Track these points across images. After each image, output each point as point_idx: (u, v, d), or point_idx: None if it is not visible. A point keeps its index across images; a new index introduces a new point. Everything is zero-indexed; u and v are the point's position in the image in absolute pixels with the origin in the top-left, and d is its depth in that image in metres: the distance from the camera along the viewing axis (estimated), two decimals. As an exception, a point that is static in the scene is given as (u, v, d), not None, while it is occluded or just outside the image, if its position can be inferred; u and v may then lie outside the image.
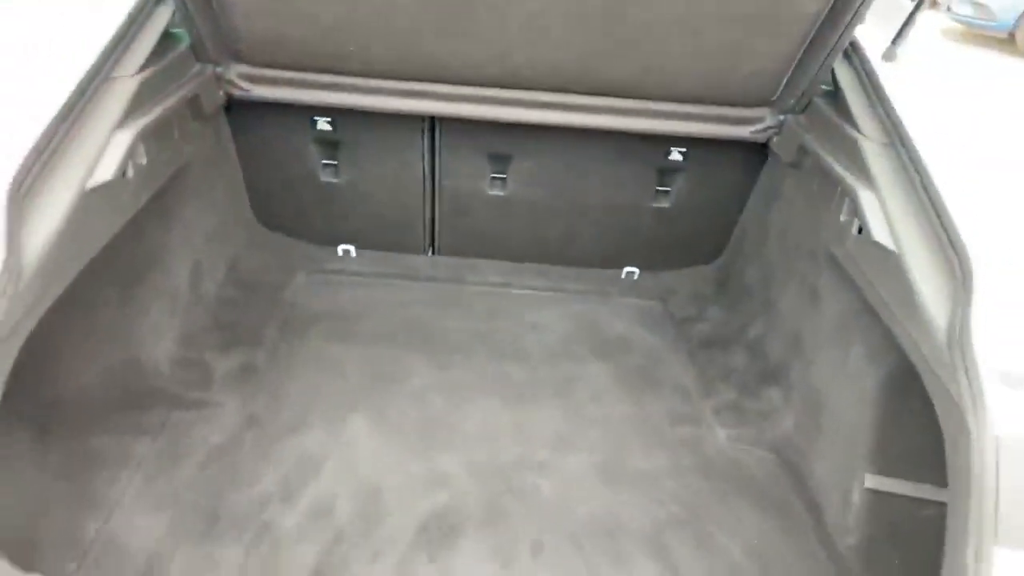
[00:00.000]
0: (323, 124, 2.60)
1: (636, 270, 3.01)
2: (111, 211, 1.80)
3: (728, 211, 2.83)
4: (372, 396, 2.33)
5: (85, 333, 2.06)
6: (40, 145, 1.58)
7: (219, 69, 2.33)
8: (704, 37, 2.14)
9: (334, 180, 2.77)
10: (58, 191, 1.61)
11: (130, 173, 1.88)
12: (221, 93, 2.38)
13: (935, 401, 1.50)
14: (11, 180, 1.49)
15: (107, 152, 1.74)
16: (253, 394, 2.28)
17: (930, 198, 1.74)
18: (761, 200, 2.67)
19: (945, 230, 1.66)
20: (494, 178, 2.77)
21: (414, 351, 2.53)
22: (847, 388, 2.00)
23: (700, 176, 2.73)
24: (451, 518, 1.97)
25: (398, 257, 2.97)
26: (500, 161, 2.72)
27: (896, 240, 1.75)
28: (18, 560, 1.37)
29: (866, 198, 1.88)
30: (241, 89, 2.38)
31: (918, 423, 1.67)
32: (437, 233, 2.95)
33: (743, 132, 2.44)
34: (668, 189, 2.79)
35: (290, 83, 2.39)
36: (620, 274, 3.00)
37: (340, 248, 2.96)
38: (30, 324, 1.50)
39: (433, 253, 3.02)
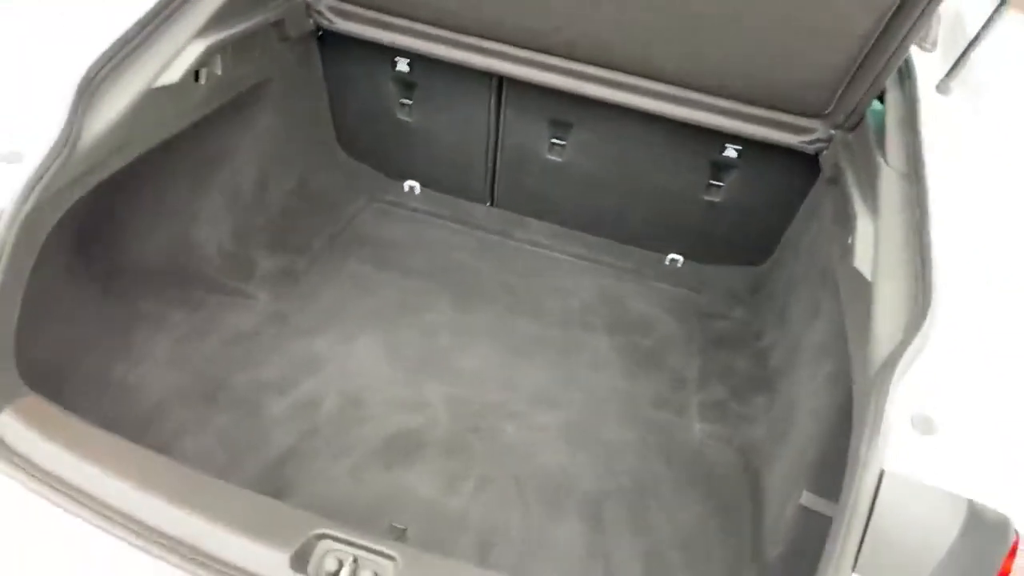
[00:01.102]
0: (402, 65, 2.79)
1: (680, 258, 3.05)
2: (178, 109, 2.08)
3: (778, 217, 2.81)
4: (389, 319, 2.55)
5: (154, 211, 2.39)
6: (114, 47, 1.86)
7: None
8: (756, 38, 2.16)
9: (408, 119, 2.97)
10: (125, 86, 1.89)
11: (203, 80, 2.15)
12: (310, 21, 2.62)
13: (853, 429, 1.54)
14: (83, 74, 1.78)
15: (179, 58, 2.00)
16: (285, 295, 2.56)
17: (921, 235, 1.73)
18: (805, 213, 2.65)
19: (923, 266, 1.65)
20: (553, 143, 2.88)
21: (442, 289, 2.73)
22: (810, 405, 2.02)
23: (753, 177, 2.73)
24: (417, 439, 2.17)
25: (457, 202, 3.15)
26: (560, 128, 2.83)
27: (875, 270, 1.75)
28: (49, 388, 1.68)
29: (863, 224, 1.88)
30: (328, 20, 2.61)
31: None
32: (496, 186, 3.10)
33: (794, 140, 2.43)
34: (721, 184, 2.81)
35: (372, 22, 2.60)
36: (663, 259, 3.06)
37: (407, 183, 3.17)
38: (80, 191, 1.79)
39: (492, 204, 3.18)
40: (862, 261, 1.79)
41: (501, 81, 2.75)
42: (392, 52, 2.75)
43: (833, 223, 2.25)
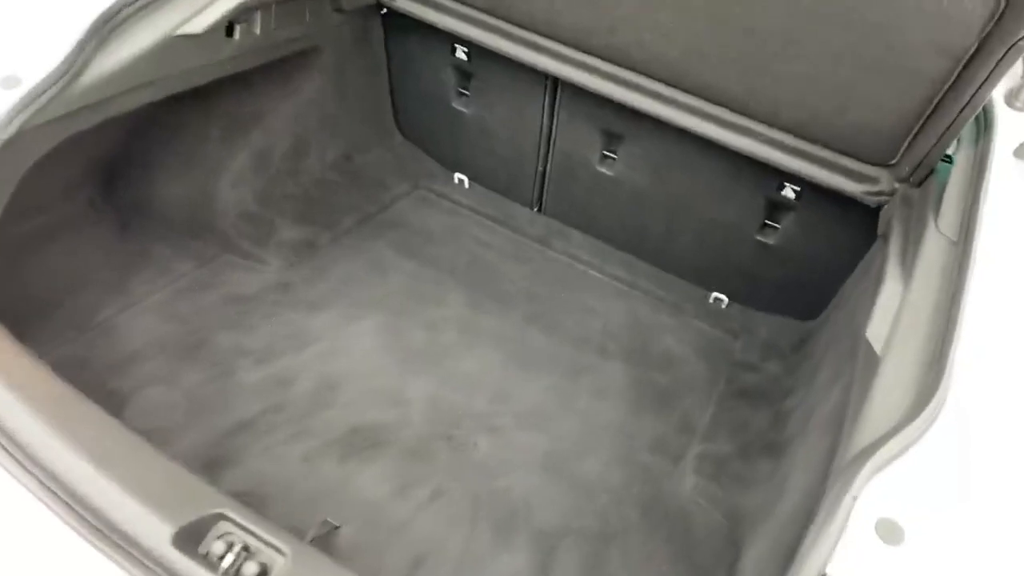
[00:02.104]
0: (460, 53, 2.70)
1: (725, 298, 2.82)
2: (206, 60, 2.06)
3: (835, 272, 2.54)
4: (395, 306, 2.46)
5: (183, 160, 2.40)
6: None
7: None
8: (819, 67, 1.93)
9: (464, 109, 2.88)
10: (146, 29, 1.88)
11: (237, 36, 2.13)
12: (369, -5, 2.57)
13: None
14: (103, 12, 1.77)
15: (209, 10, 1.98)
16: (297, 265, 2.52)
17: (951, 309, 1.48)
18: (861, 271, 2.38)
19: (943, 344, 1.41)
20: (605, 155, 2.72)
21: (461, 286, 2.62)
22: (801, 482, 1.78)
23: (812, 224, 2.48)
24: (382, 436, 2.07)
25: (503, 202, 3.04)
26: (612, 139, 2.67)
27: (888, 342, 1.51)
28: (25, 320, 1.67)
29: (889, 289, 1.64)
30: (387, -4, 2.56)
31: None
32: (546, 192, 2.97)
33: (855, 189, 2.18)
34: (776, 226, 2.57)
35: (430, 3, 2.52)
36: (707, 296, 2.83)
37: (457, 175, 3.09)
38: (83, 125, 1.79)
39: (539, 210, 3.05)
40: (875, 330, 1.55)
41: (556, 83, 2.62)
42: (451, 38, 2.67)
43: (874, 285, 2.00)
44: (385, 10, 2.76)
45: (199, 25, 1.97)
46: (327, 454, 1.99)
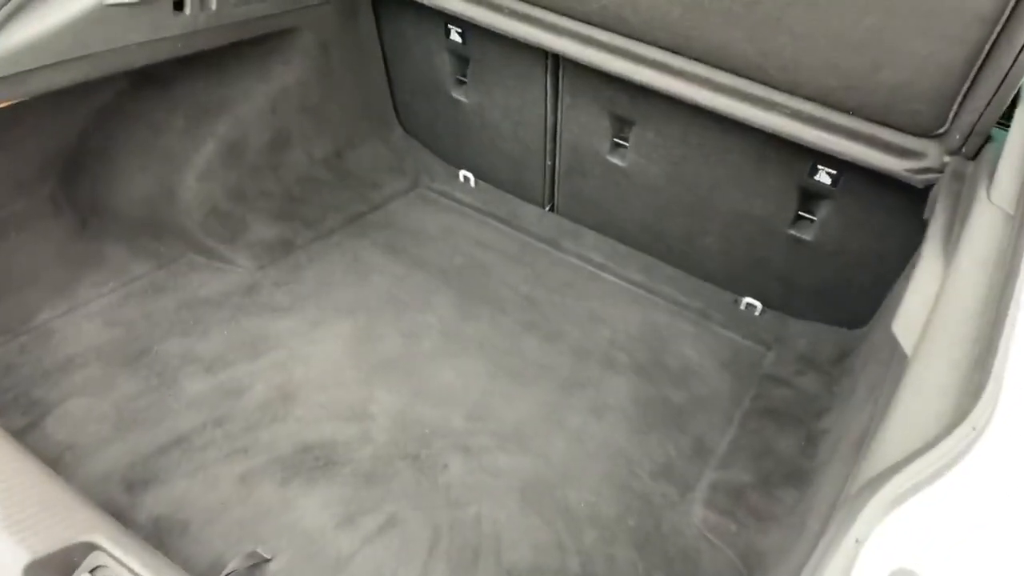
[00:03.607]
0: (455, 35, 2.46)
1: (758, 304, 2.46)
2: (147, 37, 1.86)
3: (884, 271, 2.16)
4: (371, 311, 2.21)
5: (144, 152, 2.22)
6: None
7: None
8: (833, 17, 1.61)
9: (463, 99, 2.63)
10: (74, 1, 1.69)
11: (188, 9, 1.93)
12: (350, -29, 2.35)
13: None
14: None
15: None
16: (269, 266, 2.29)
17: (1002, 297, 1.12)
18: (912, 268, 2.00)
19: (990, 342, 1.06)
20: (615, 143, 2.42)
21: (450, 289, 2.35)
22: (819, 517, 1.42)
23: (854, 214, 2.11)
24: (336, 455, 1.80)
25: (511, 201, 2.77)
26: (622, 124, 2.37)
27: (920, 341, 1.16)
28: None
29: (925, 271, 1.28)
30: (369, -29, 2.33)
31: None
32: (558, 188, 2.68)
33: (897, 166, 1.82)
34: (812, 218, 2.21)
35: None
36: (737, 302, 2.48)
37: (462, 173, 2.83)
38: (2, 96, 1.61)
39: (551, 209, 2.76)
40: (905, 323, 1.20)
41: (557, 64, 2.34)
42: (443, 18, 2.43)
43: (910, 269, 1.63)
44: (372, -7, 2.54)
45: None
46: (268, 474, 1.73)
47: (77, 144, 2.19)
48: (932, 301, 1.23)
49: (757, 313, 2.46)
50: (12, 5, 1.61)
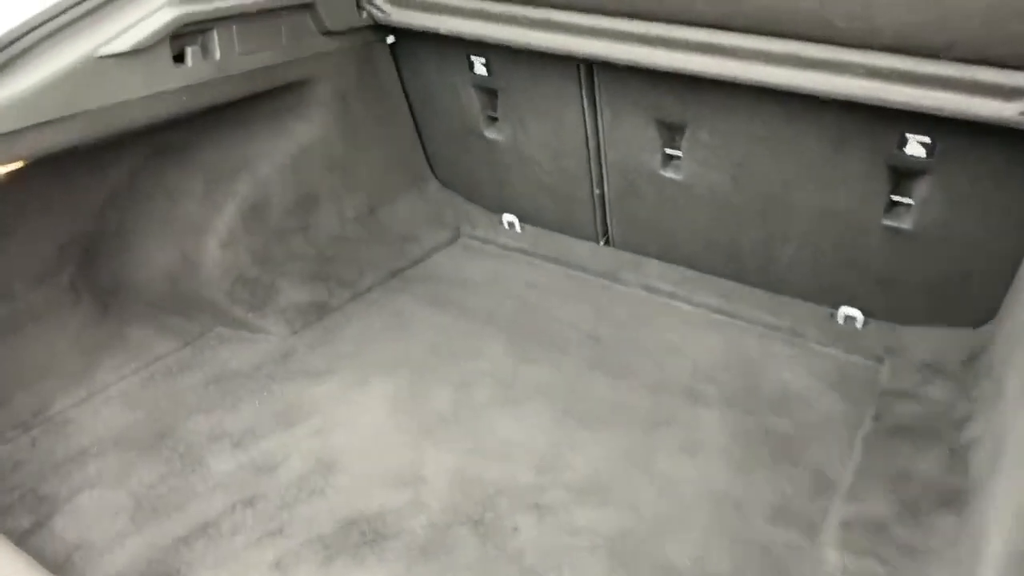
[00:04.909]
0: (479, 66, 2.30)
1: (858, 314, 2.13)
2: (146, 91, 1.74)
3: (1006, 250, 1.83)
4: (417, 365, 1.97)
5: (164, 223, 2.08)
6: (50, 12, 1.56)
7: None
8: None
9: (497, 137, 2.45)
10: (59, 52, 1.58)
11: (189, 61, 1.81)
12: (362, 15, 2.23)
13: None
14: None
15: (137, 26, 1.67)
16: (303, 330, 2.09)
17: None
18: None
19: None
20: (667, 155, 2.18)
21: (501, 334, 2.10)
22: (1002, 540, 1.07)
23: (959, 187, 1.80)
24: (385, 528, 1.53)
25: (561, 239, 2.53)
26: (672, 132, 2.13)
27: None
28: None
29: None
30: (382, 11, 2.20)
31: None
32: (610, 218, 2.44)
33: (1006, 111, 1.52)
34: (909, 201, 1.90)
35: (433, 7, 2.14)
36: (833, 315, 2.15)
37: (505, 217, 2.62)
38: None
39: (606, 243, 2.52)
40: None
41: (592, 75, 2.14)
42: (465, 48, 2.27)
43: None
44: (392, 39, 2.42)
45: (126, 43, 1.65)
46: (307, 556, 1.46)
47: (94, 225, 2.06)
48: None
49: (859, 325, 2.13)
50: (-5, 65, 1.50)
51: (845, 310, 2.14)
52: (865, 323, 2.13)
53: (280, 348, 2.02)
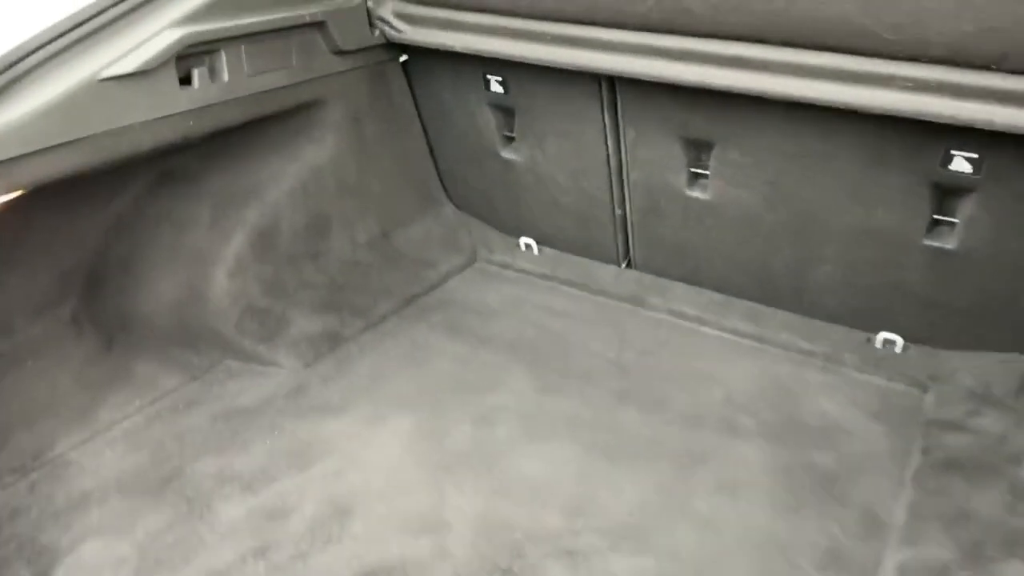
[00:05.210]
0: (495, 85, 2.21)
1: (898, 339, 2.02)
2: (151, 115, 1.65)
3: None
4: (436, 401, 1.87)
5: (170, 253, 1.99)
6: (50, 32, 1.49)
7: (370, 3, 2.10)
8: None
9: (514, 157, 2.36)
10: (58, 75, 1.50)
11: (196, 83, 1.73)
12: (375, 33, 2.15)
13: None
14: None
15: (141, 48, 1.59)
16: (317, 362, 2.00)
17: None
18: None
19: None
20: (693, 174, 2.09)
21: (522, 364, 2.00)
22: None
23: (1007, 205, 1.70)
24: (407, 577, 1.42)
25: (581, 262, 2.44)
26: (699, 149, 2.04)
27: None
28: None
29: None
30: (396, 30, 2.12)
31: None
32: (632, 240, 2.34)
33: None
34: (953, 220, 1.80)
35: (448, 25, 2.07)
36: (871, 340, 2.05)
37: (522, 240, 2.53)
38: None
39: (628, 265, 2.42)
40: None
41: (613, 90, 2.05)
42: (481, 66, 2.19)
43: None
44: (404, 57, 2.34)
45: (129, 65, 1.57)
46: (323, 614, 1.35)
47: (97, 255, 1.98)
48: None
49: (898, 350, 2.02)
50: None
51: (884, 334, 2.04)
52: (905, 348, 2.02)
53: (292, 382, 1.93)
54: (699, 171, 2.09)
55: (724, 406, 1.87)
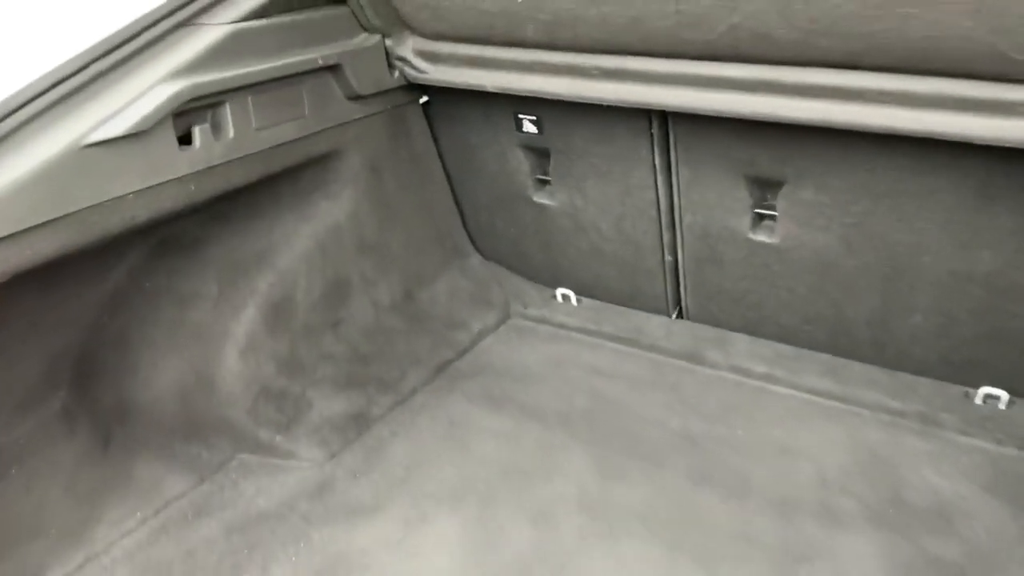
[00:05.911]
0: (528, 124, 1.99)
1: (1003, 394, 1.78)
2: (148, 182, 1.42)
3: None
4: (484, 494, 1.62)
5: (172, 333, 1.75)
6: (26, 93, 1.26)
7: (388, 42, 1.87)
8: None
9: (549, 202, 2.13)
10: (39, 143, 1.27)
11: (197, 142, 1.50)
12: (394, 75, 1.93)
13: None
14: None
15: (130, 108, 1.36)
16: (344, 451, 1.75)
17: None
18: None
19: None
20: (759, 215, 1.86)
21: (577, 442, 1.76)
22: None
23: None
24: None
25: (626, 313, 2.20)
26: (766, 189, 1.81)
27: None
28: None
29: None
30: (417, 70, 1.90)
31: None
32: (684, 288, 2.10)
33: None
34: (1076, 260, 1.56)
35: (475, 62, 1.84)
36: (971, 395, 1.80)
37: (559, 292, 2.29)
38: None
39: (678, 315, 2.18)
40: None
41: (664, 126, 1.83)
42: (512, 105, 1.96)
43: None
44: (425, 98, 2.11)
45: (120, 126, 1.34)
46: None
47: (89, 337, 1.74)
48: None
49: (1003, 406, 1.77)
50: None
51: (985, 389, 1.79)
52: (1011, 403, 1.77)
53: (316, 478, 1.68)
54: (764, 212, 1.85)
55: (818, 487, 1.62)
